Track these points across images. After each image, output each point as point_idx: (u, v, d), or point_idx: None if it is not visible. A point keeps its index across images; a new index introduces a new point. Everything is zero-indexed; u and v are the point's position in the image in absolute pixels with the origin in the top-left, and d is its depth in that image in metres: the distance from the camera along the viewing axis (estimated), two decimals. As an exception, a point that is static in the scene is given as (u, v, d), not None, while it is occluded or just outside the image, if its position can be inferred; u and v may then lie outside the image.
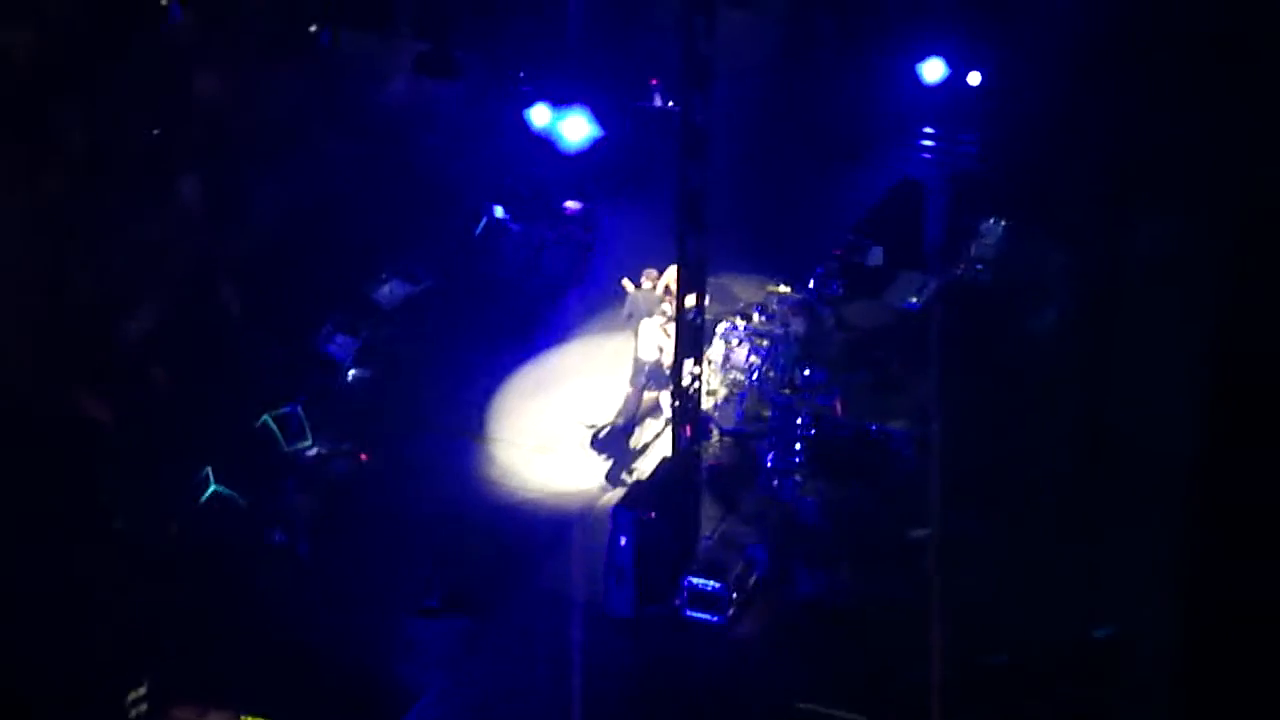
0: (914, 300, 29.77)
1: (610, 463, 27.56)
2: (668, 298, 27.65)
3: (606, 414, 28.44)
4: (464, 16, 25.46)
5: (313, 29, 25.78)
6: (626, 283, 28.71)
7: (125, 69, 27.89)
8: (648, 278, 28.45)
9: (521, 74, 26.12)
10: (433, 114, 32.10)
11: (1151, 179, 29.39)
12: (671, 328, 25.77)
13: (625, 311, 28.74)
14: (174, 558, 24.69)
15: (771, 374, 28.02)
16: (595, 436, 28.14)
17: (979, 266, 30.50)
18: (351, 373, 29.35)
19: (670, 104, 32.88)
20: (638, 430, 28.16)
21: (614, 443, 27.93)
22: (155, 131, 28.75)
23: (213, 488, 25.65)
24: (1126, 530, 24.22)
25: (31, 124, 26.23)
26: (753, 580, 24.52)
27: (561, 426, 28.39)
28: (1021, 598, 23.71)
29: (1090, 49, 31.23)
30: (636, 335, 28.01)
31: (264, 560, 25.06)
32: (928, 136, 33.98)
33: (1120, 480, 24.80)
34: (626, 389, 28.41)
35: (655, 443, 27.76)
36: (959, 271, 30.56)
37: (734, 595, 24.11)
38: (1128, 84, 30.22)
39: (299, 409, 27.47)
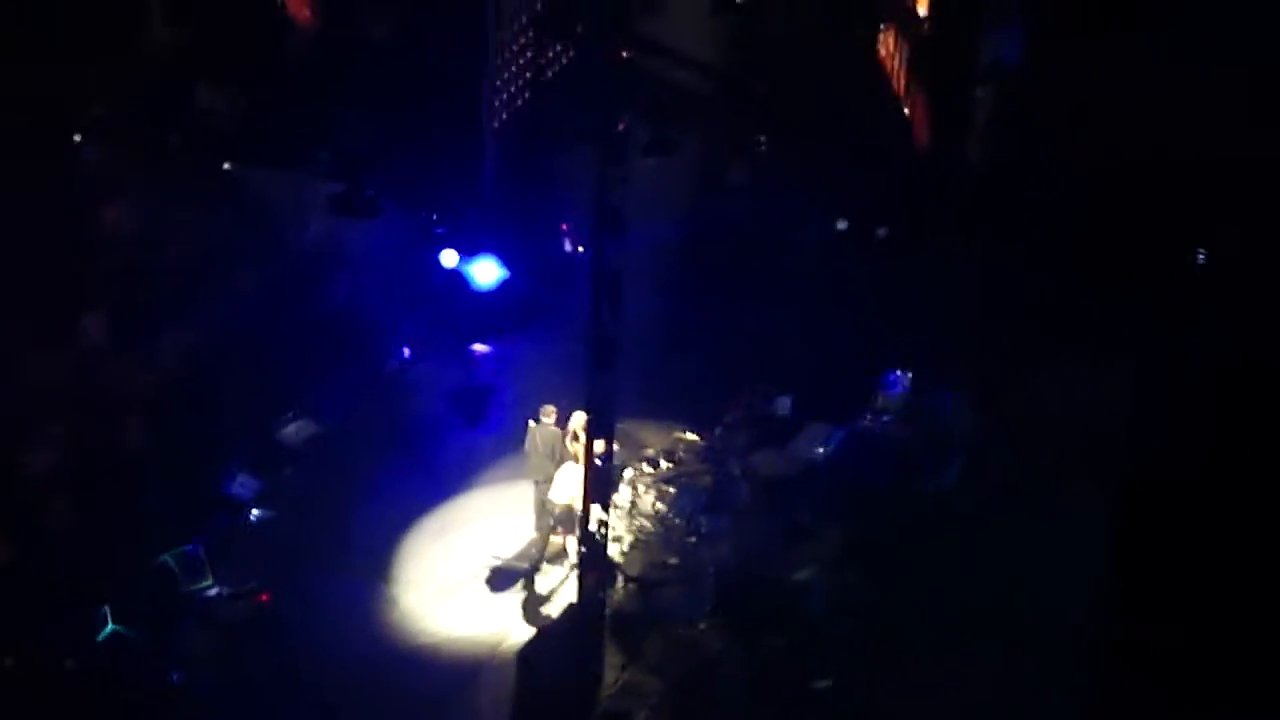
0: (820, 451, 29.85)
1: (515, 608, 27.39)
2: (575, 443, 27.67)
3: (512, 558, 28.32)
4: (379, 159, 25.54)
5: (226, 167, 25.77)
6: (530, 424, 28.76)
7: (34, 203, 27.81)
8: (546, 414, 28.49)
9: (435, 216, 26.21)
10: (344, 254, 32.13)
11: (1058, 336, 29.74)
12: None
13: (525, 448, 28.72)
14: (70, 696, 24.31)
15: (678, 521, 28.02)
16: (500, 580, 27.97)
17: (885, 418, 30.62)
18: (255, 512, 29.11)
19: (580, 249, 33.05)
20: (543, 575, 28.03)
21: (519, 587, 27.77)
22: (63, 265, 28.60)
23: (111, 626, 25.30)
24: (1032, 687, 24.28)
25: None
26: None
27: (466, 570, 28.21)
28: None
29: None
30: (547, 478, 27.96)
31: (161, 700, 24.71)
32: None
33: (1024, 639, 24.86)
34: (533, 533, 28.36)
35: (560, 588, 27.63)
36: (865, 423, 30.67)
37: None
38: (1028, 247, 30.66)
39: (200, 548, 27.19)
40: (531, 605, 27.42)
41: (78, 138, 25.92)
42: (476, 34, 30.35)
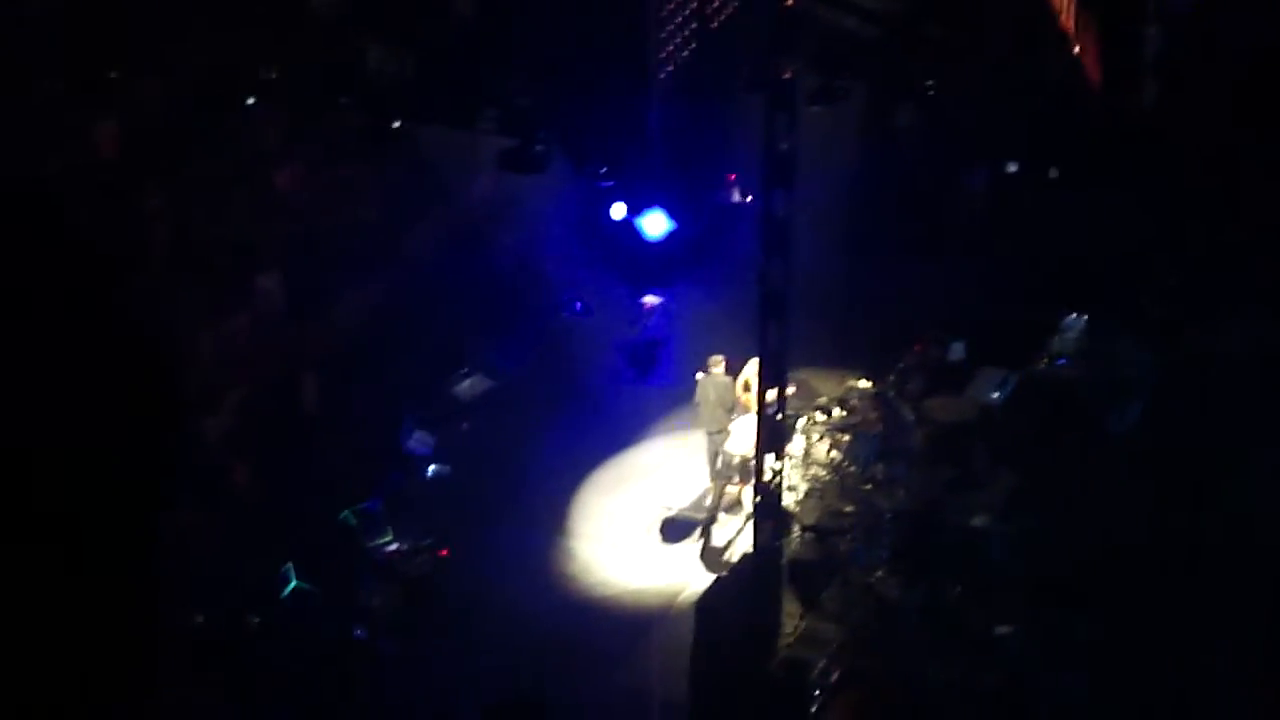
0: (996, 395, 29.62)
1: (691, 558, 27.45)
2: (748, 392, 27.69)
3: (687, 508, 28.36)
4: (548, 114, 25.60)
5: (397, 125, 25.93)
6: (699, 376, 28.80)
7: (210, 165, 28.16)
8: (715, 363, 28.51)
9: (603, 169, 26.26)
10: (514, 209, 32.28)
11: (1235, 277, 29.29)
12: None
13: (695, 399, 28.76)
14: (256, 652, 24.67)
15: (853, 469, 27.94)
16: (676, 531, 28.03)
17: (1061, 361, 30.33)
18: (431, 468, 29.36)
19: (749, 198, 32.96)
20: (719, 525, 28.06)
21: (695, 538, 27.82)
22: (239, 229, 28.97)
23: (294, 583, 25.62)
24: (1218, 630, 23.97)
25: (120, 219, 26.47)
26: (836, 676, 24.32)
27: (642, 521, 28.31)
28: (1109, 695, 23.48)
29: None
30: (720, 428, 27.99)
31: (345, 656, 25.00)
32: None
33: (1211, 579, 24.51)
34: (708, 483, 28.38)
35: (737, 538, 27.63)
36: (1041, 367, 30.41)
37: (816, 693, 23.92)
38: (1204, 187, 30.18)
39: (379, 504, 27.47)
40: (708, 556, 27.48)
41: (251, 101, 26.17)
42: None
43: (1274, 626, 23.86)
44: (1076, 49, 31.32)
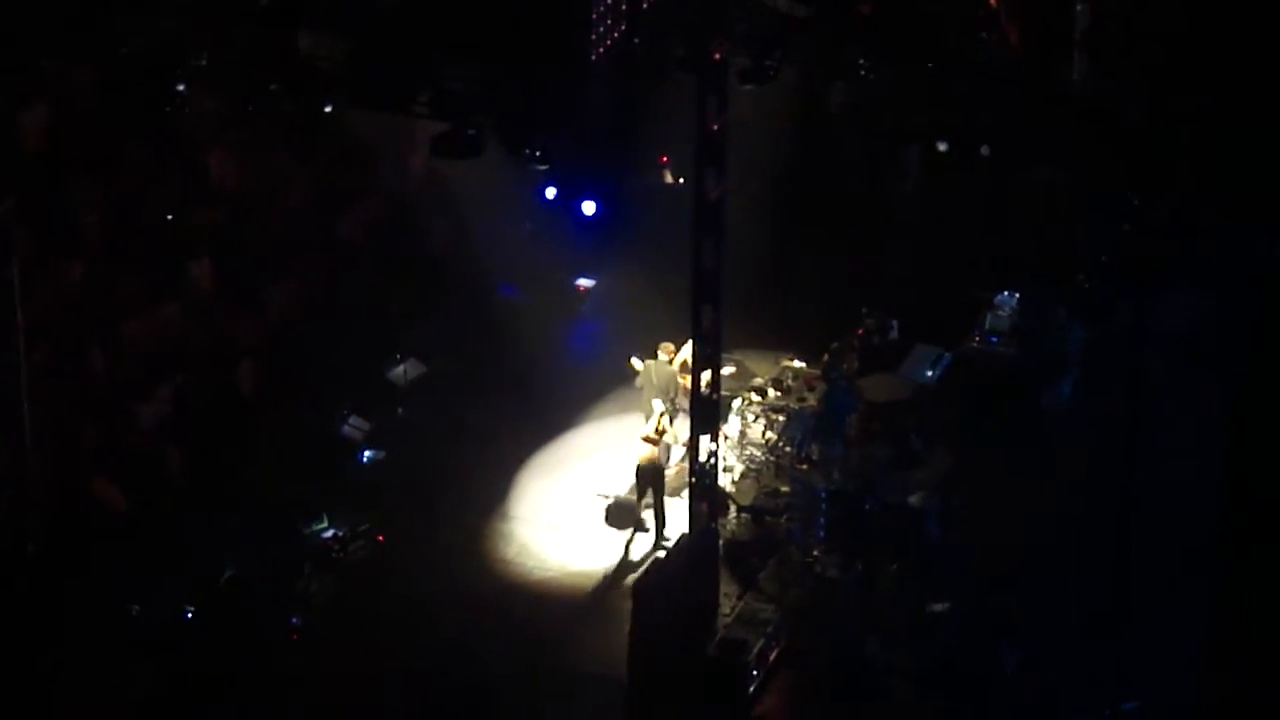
0: (930, 374, 29.72)
1: (629, 540, 27.46)
2: (683, 373, 27.73)
3: (624, 492, 28.34)
4: (480, 98, 25.52)
5: (328, 110, 25.85)
6: (634, 362, 28.84)
7: (141, 152, 28.01)
8: (664, 350, 28.56)
9: (536, 152, 26.26)
10: (447, 193, 32.17)
11: (1164, 252, 29.43)
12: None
13: (638, 384, 28.82)
14: (191, 642, 24.57)
15: (788, 449, 28.00)
16: (613, 514, 27.99)
17: (994, 339, 30.45)
18: (367, 453, 29.29)
19: (680, 180, 32.96)
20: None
21: (631, 519, 27.80)
22: (170, 216, 28.83)
23: (230, 572, 25.52)
24: (1154, 601, 24.18)
25: (50, 207, 26.34)
26: (774, 655, 24.40)
27: (578, 503, 28.30)
28: (1046, 670, 23.63)
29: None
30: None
31: (283, 642, 24.94)
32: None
33: (1145, 552, 24.69)
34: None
35: (674, 519, 27.65)
36: (974, 344, 30.53)
37: (755, 672, 23.98)
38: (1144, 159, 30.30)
39: (315, 491, 27.40)
40: (645, 537, 27.48)
41: (181, 88, 26.05)
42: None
43: (1206, 595, 24.11)
44: (1005, 26, 31.38)
